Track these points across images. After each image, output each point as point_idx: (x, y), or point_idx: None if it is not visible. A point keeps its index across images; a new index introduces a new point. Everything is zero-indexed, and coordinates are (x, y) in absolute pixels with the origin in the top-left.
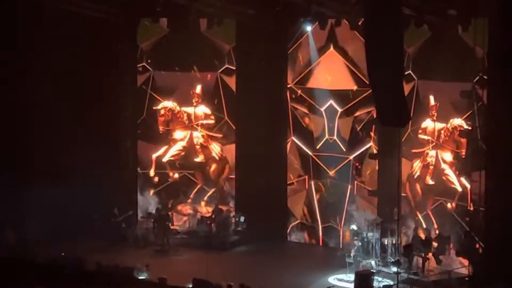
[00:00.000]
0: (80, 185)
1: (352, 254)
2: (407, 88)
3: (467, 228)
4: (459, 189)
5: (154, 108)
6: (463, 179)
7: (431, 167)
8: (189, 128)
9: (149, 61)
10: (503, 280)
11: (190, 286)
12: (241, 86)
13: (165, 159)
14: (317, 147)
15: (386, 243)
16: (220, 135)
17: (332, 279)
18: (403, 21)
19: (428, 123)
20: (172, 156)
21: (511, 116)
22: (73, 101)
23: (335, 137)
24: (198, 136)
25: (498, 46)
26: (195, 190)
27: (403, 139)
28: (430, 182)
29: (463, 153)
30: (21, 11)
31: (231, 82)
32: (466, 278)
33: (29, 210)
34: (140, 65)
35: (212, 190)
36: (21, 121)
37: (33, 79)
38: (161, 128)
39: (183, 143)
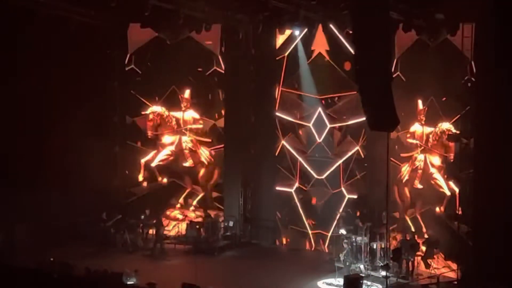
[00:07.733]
0: (68, 190)
1: (341, 259)
2: (395, 92)
3: (455, 232)
4: (448, 193)
5: (142, 112)
6: (451, 183)
7: (420, 171)
8: (178, 132)
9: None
10: (491, 283)
11: None
12: (230, 90)
13: (153, 164)
14: (307, 152)
15: (375, 247)
16: (209, 140)
17: (321, 284)
18: (391, 25)
19: (416, 127)
20: (161, 160)
21: (499, 119)
22: (61, 106)
23: (324, 141)
24: (186, 140)
25: (486, 50)
26: (184, 194)
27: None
28: (419, 186)
29: (452, 157)
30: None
31: (220, 86)
32: (455, 282)
33: (17, 215)
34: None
35: (201, 194)
36: (9, 125)
37: (21, 83)
38: (149, 132)
39: (172, 148)
